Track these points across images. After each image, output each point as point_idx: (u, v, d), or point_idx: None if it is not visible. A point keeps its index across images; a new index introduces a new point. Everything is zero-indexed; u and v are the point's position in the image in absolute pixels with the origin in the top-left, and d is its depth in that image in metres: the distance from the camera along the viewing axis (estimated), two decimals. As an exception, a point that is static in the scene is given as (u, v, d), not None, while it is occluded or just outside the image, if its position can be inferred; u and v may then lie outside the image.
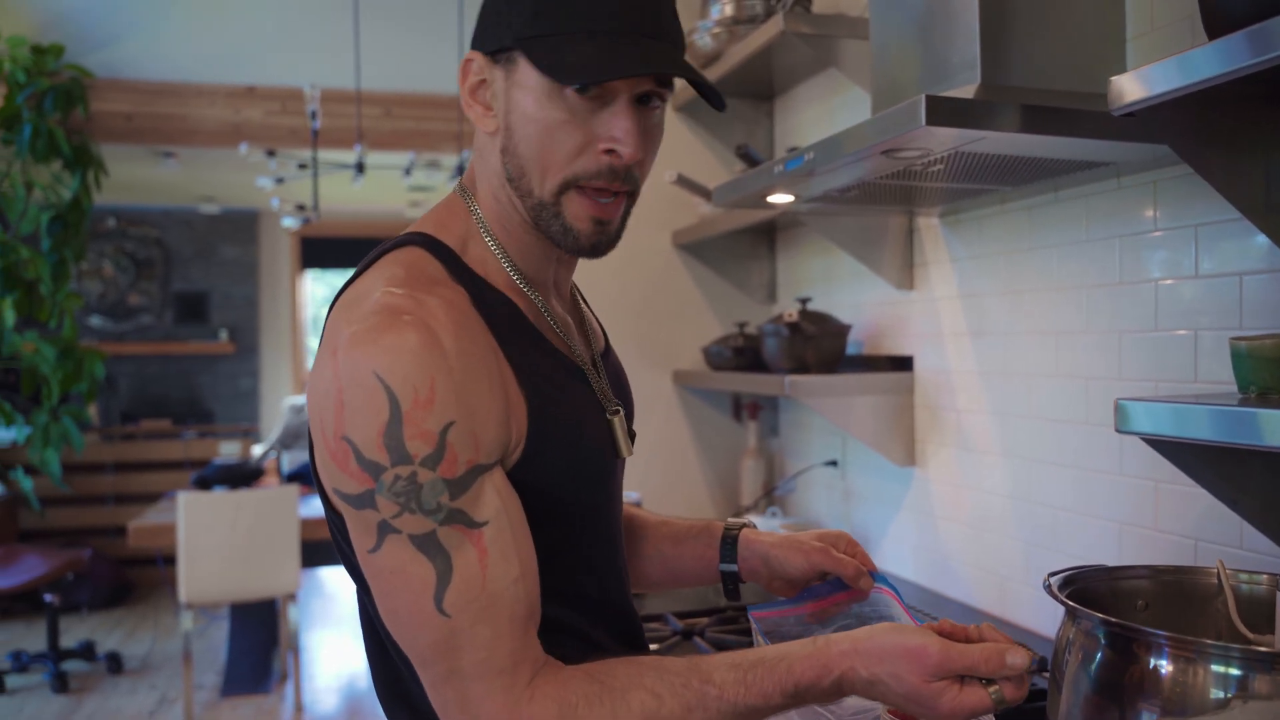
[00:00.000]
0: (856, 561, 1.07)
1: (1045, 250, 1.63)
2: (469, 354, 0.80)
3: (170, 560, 5.13)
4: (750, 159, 1.90)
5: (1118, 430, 1.10)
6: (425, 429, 0.76)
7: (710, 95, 0.86)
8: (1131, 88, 1.04)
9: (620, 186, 0.86)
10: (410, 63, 5.18)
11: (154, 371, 7.72)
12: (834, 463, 2.32)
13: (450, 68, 5.03)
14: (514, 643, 0.78)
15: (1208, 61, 0.94)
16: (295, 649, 3.74)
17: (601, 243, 0.88)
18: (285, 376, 8.15)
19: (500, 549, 0.78)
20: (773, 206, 1.77)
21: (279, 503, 3.56)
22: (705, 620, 1.65)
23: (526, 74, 0.83)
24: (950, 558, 1.90)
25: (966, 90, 1.35)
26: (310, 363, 8.35)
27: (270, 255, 8.10)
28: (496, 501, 0.80)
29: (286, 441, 7.24)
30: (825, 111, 2.33)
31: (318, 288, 8.55)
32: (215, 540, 3.48)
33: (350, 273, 0.89)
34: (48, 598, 4.06)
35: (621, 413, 0.96)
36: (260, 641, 4.01)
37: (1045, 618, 1.64)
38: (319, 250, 8.10)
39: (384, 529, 0.77)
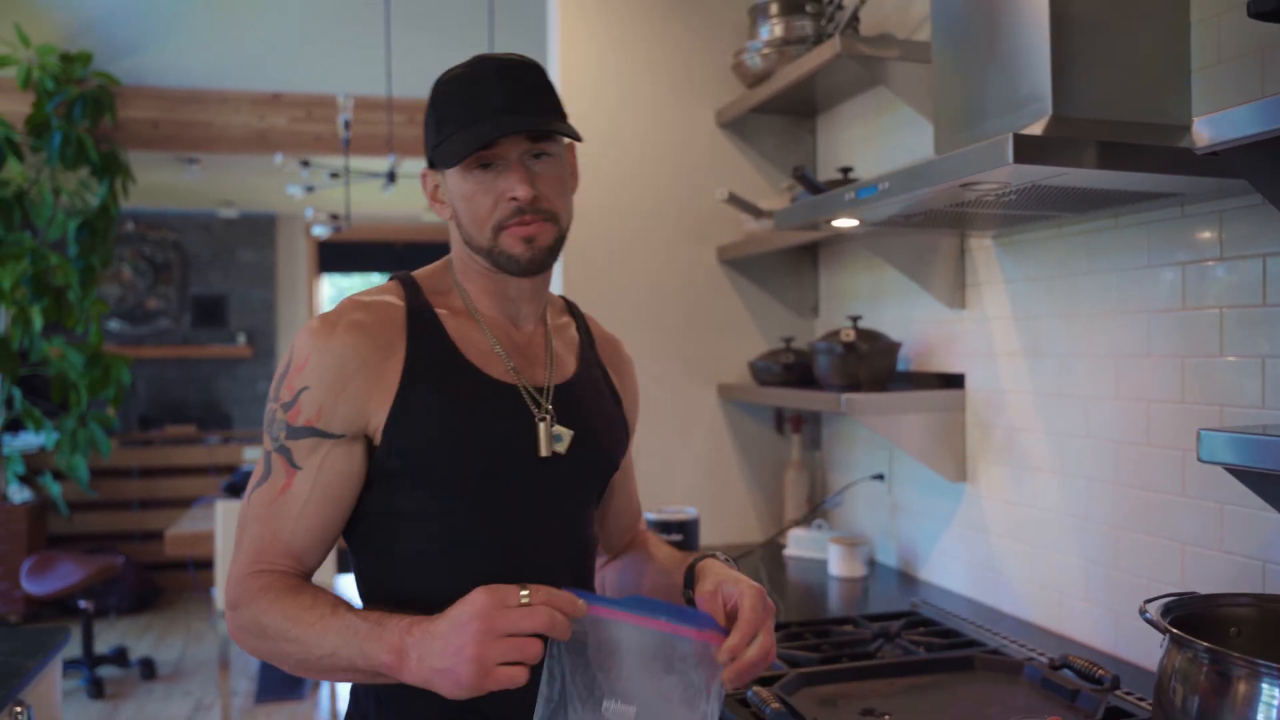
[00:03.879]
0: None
1: (1104, 274, 1.67)
2: (350, 349, 1.09)
3: (200, 565, 5.17)
4: (807, 180, 1.93)
5: (1200, 460, 1.13)
6: (292, 385, 1.10)
7: (571, 135, 1.13)
8: (1216, 130, 1.07)
9: (531, 218, 1.12)
10: (439, 68, 5.21)
11: (172, 375, 7.76)
12: (880, 476, 2.36)
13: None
14: (268, 547, 1.08)
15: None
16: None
17: (535, 257, 1.14)
18: (302, 380, 8.18)
19: (298, 491, 1.08)
20: (835, 229, 1.80)
21: (315, 510, 3.60)
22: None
23: (450, 170, 1.14)
24: (1004, 573, 1.94)
25: (1038, 123, 1.39)
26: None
27: (288, 259, 8.14)
28: (318, 463, 1.08)
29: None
30: (873, 130, 2.36)
31: (335, 290, 8.58)
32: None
33: (365, 276, 1.03)
34: (82, 603, 4.10)
35: (551, 420, 1.16)
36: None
37: (1103, 634, 1.68)
38: (336, 254, 8.14)
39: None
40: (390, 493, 1.13)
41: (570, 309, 1.36)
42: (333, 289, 8.57)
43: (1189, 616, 1.00)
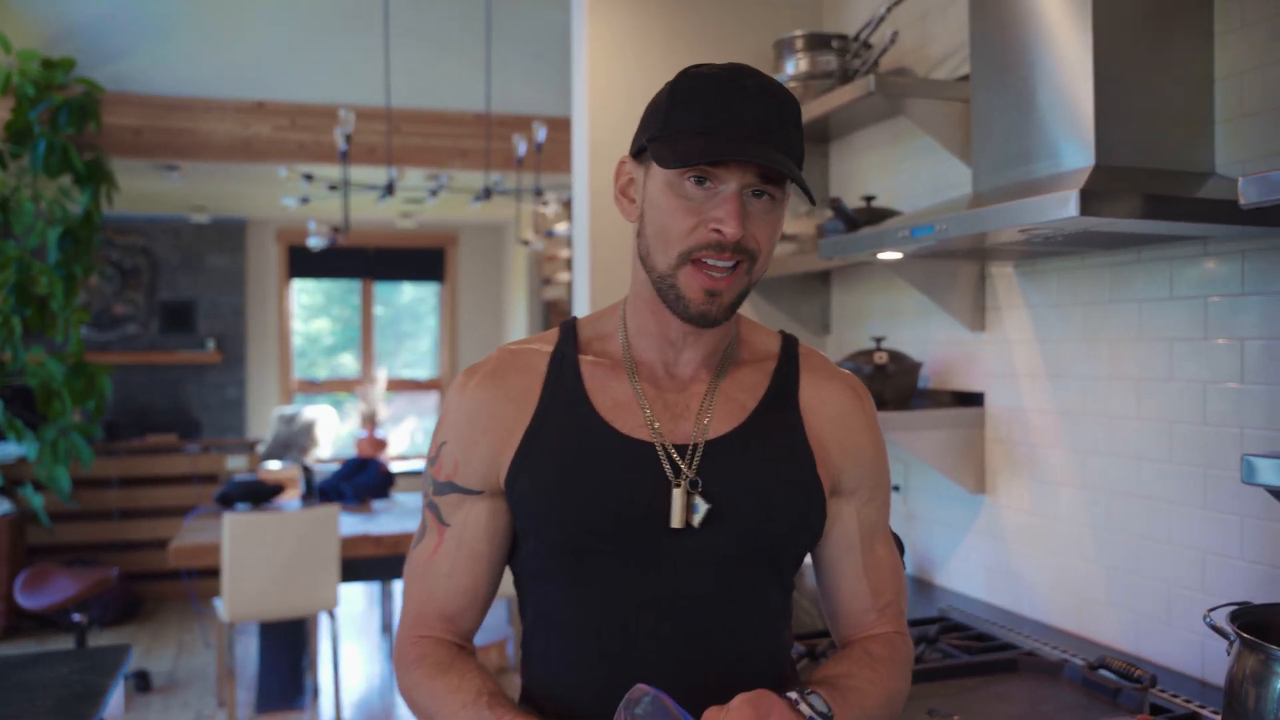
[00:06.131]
0: None
1: (1126, 304, 1.80)
2: (482, 402, 1.07)
3: (192, 575, 5.15)
4: (843, 213, 2.05)
5: (1244, 482, 1.27)
6: (437, 440, 1.10)
7: (805, 192, 0.98)
8: (1265, 190, 1.20)
9: (730, 257, 0.98)
10: (430, 79, 5.26)
11: (139, 381, 7.66)
12: (896, 487, 2.48)
13: (471, 85, 5.13)
14: (424, 610, 1.09)
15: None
16: (335, 664, 3.81)
17: (710, 312, 1.00)
18: (272, 386, 8.14)
19: (447, 550, 1.08)
20: (877, 260, 1.92)
21: (321, 522, 3.63)
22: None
23: (656, 168, 1.01)
24: (1024, 579, 2.07)
25: (1082, 170, 1.51)
26: (297, 372, 8.36)
27: (257, 264, 8.09)
28: (462, 519, 1.07)
29: (276, 451, 7.26)
30: (889, 157, 2.49)
31: (304, 296, 8.53)
32: (259, 559, 3.54)
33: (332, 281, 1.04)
34: (76, 617, 4.07)
35: (693, 485, 1.02)
36: (291, 657, 4.07)
37: (1125, 636, 1.81)
38: (307, 259, 8.10)
39: None
40: (520, 552, 1.09)
41: (786, 347, 1.15)
42: (307, 296, 8.54)
43: (1250, 624, 1.12)
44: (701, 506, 1.01)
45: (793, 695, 0.96)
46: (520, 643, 1.14)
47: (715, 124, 0.97)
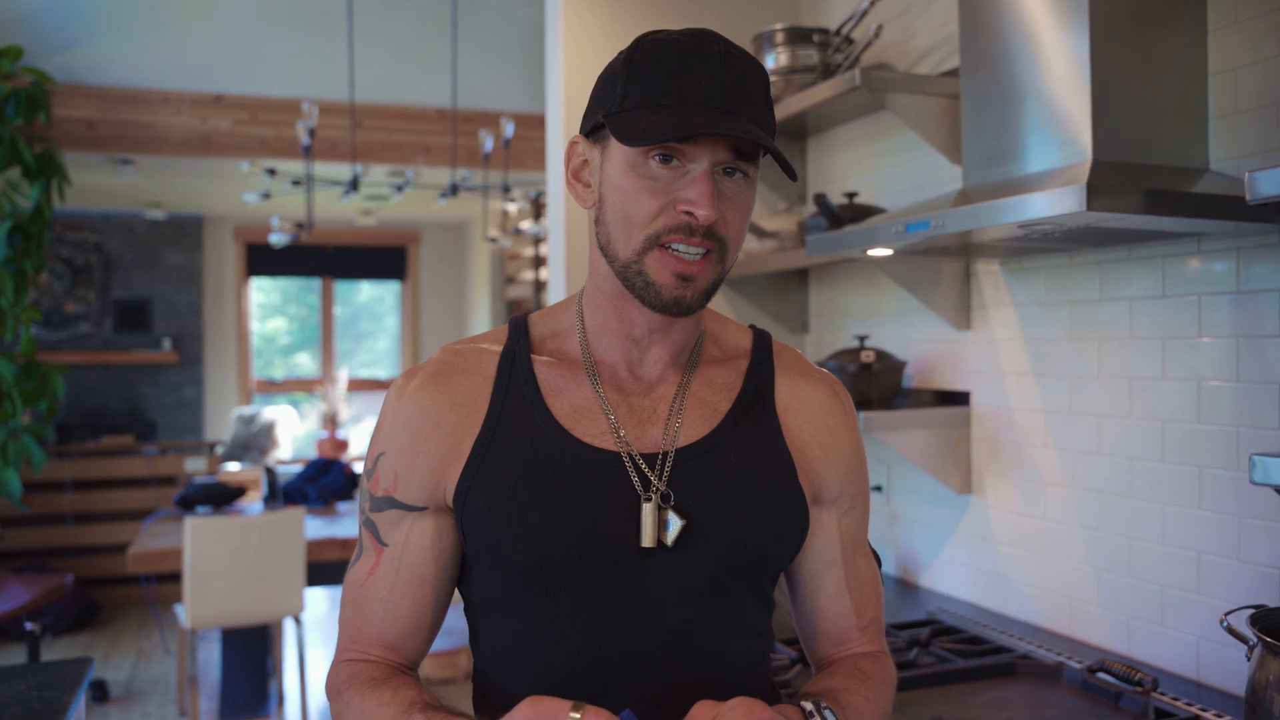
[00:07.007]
0: None
1: (1118, 302, 1.78)
2: (424, 408, 0.97)
3: (151, 580, 5.00)
4: (828, 209, 2.01)
5: (1253, 482, 1.25)
6: (373, 450, 1.00)
7: (784, 166, 0.90)
8: (1269, 184, 1.17)
9: (700, 242, 0.90)
10: (395, 74, 5.17)
11: (93, 381, 7.46)
12: (879, 488, 2.45)
13: (436, 80, 5.03)
14: (357, 635, 0.99)
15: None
16: (301, 670, 3.72)
17: (684, 298, 0.91)
18: (230, 387, 7.96)
19: (385, 572, 0.98)
20: (861, 257, 1.89)
21: (285, 525, 3.53)
22: None
23: (615, 147, 0.92)
24: (1011, 579, 2.05)
25: (1080, 165, 1.49)
26: (255, 371, 8.19)
27: (215, 262, 7.91)
28: (402, 539, 0.98)
29: (235, 453, 7.10)
30: (869, 154, 2.46)
31: (259, 295, 8.36)
32: (222, 564, 3.44)
33: (290, 280, 0.98)
34: (29, 625, 3.93)
35: (664, 498, 0.93)
36: (255, 664, 3.97)
37: (1117, 638, 1.79)
38: (265, 257, 7.94)
39: None
40: (471, 578, 1.00)
41: (758, 342, 1.07)
42: (262, 295, 8.37)
43: (1271, 628, 1.10)
44: (675, 523, 0.92)
45: (807, 706, 0.91)
46: (473, 679, 1.03)
47: (680, 95, 0.88)
